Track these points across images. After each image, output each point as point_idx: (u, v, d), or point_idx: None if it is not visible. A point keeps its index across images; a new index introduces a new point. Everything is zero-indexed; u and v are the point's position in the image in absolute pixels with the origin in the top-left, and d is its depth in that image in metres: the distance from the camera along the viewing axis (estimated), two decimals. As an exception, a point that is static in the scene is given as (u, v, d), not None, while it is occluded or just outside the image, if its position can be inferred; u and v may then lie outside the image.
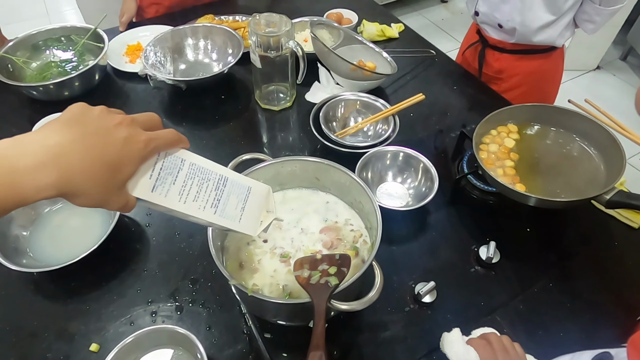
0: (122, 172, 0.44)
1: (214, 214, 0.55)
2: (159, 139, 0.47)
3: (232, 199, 0.58)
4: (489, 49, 1.33)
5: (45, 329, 0.78)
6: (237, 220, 0.58)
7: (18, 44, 1.23)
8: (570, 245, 0.91)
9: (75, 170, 0.41)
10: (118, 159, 0.43)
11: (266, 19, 1.03)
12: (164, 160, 0.50)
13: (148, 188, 0.49)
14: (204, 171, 0.55)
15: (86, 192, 0.42)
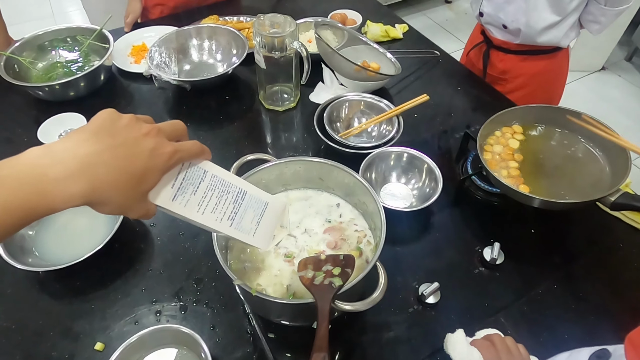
0: (147, 182, 0.45)
1: (229, 227, 0.56)
2: (184, 150, 0.48)
3: (249, 213, 0.58)
4: (493, 50, 1.32)
5: (50, 327, 0.79)
6: (251, 234, 0.59)
7: (24, 45, 1.24)
8: (575, 246, 0.91)
9: (103, 181, 0.42)
10: (144, 169, 0.44)
11: (270, 20, 1.04)
12: (187, 170, 0.51)
13: (169, 197, 0.49)
14: (225, 184, 0.56)
15: (111, 201, 0.43)
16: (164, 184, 0.49)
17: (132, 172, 0.44)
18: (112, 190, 0.43)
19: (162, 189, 0.48)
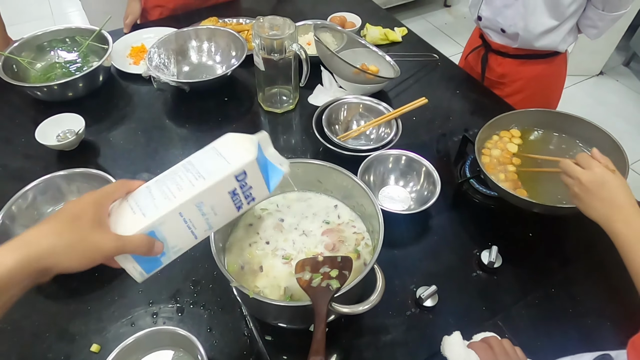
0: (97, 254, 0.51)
1: (198, 184, 0.55)
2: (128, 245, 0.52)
3: (207, 162, 0.57)
4: (491, 54, 1.33)
5: (46, 329, 0.78)
6: (226, 166, 0.56)
7: (23, 45, 1.24)
8: (572, 250, 0.91)
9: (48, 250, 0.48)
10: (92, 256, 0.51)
11: (270, 22, 1.04)
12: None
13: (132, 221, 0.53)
14: (169, 172, 0.59)
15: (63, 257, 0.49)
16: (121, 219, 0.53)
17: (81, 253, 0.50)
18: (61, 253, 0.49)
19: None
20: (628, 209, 0.67)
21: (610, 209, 0.69)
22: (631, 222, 0.66)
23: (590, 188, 0.70)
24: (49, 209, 0.92)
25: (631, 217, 0.67)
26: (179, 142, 1.12)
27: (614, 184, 0.69)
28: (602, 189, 0.69)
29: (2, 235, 0.83)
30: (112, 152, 1.09)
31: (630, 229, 0.66)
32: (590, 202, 0.71)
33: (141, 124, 1.16)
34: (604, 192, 0.69)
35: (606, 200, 0.69)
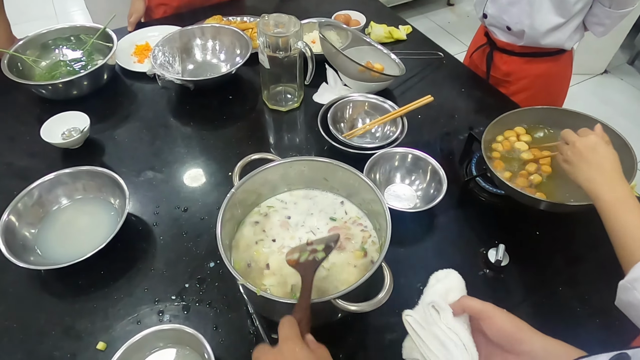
0: None
1: None
2: None
3: None
4: (497, 52, 1.32)
5: (52, 326, 0.78)
6: None
7: (28, 43, 1.24)
8: (580, 249, 0.90)
9: None
10: None
11: (275, 20, 1.03)
12: None
13: None
14: None
15: None
16: None
17: None
18: None
19: None
20: (613, 175, 0.71)
21: (597, 172, 0.72)
22: (615, 187, 0.70)
23: (582, 151, 0.75)
24: (55, 206, 0.92)
25: (615, 182, 0.70)
26: (184, 140, 1.12)
27: (605, 151, 0.74)
28: (592, 153, 0.74)
29: (8, 232, 0.83)
30: (117, 150, 1.09)
31: (613, 193, 0.69)
32: (579, 164, 0.75)
33: (146, 122, 1.16)
34: (594, 156, 0.73)
35: (594, 164, 0.73)
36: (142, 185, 1.01)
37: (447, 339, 0.53)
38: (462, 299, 0.56)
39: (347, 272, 0.72)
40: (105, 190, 0.93)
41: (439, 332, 0.54)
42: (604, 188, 0.70)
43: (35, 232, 0.88)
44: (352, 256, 0.74)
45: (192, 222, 0.93)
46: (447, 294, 0.57)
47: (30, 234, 0.87)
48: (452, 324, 0.54)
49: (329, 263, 0.72)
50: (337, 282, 0.71)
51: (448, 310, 0.55)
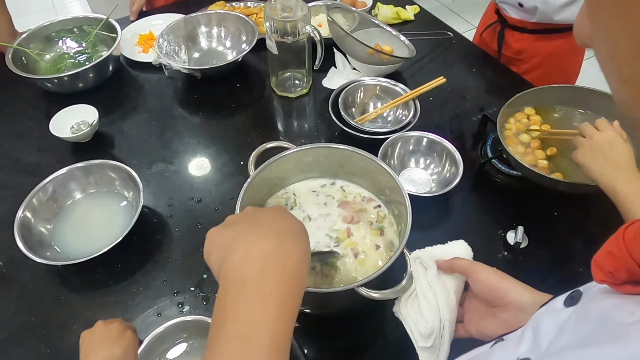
0: None
1: None
2: None
3: None
4: (508, 30, 1.29)
5: (73, 321, 0.78)
6: None
7: (31, 36, 1.22)
8: (597, 228, 0.89)
9: None
10: None
11: (282, 4, 1.01)
12: None
13: None
14: None
15: None
16: None
17: None
18: None
19: None
20: (629, 170, 0.71)
21: (613, 168, 0.72)
22: (631, 182, 0.70)
23: (600, 145, 0.74)
24: (69, 201, 0.91)
25: (632, 177, 0.71)
26: (194, 130, 1.11)
27: (622, 148, 0.73)
28: (609, 149, 0.73)
29: (24, 229, 0.83)
30: (127, 142, 1.08)
31: (630, 187, 0.69)
32: (595, 159, 0.74)
33: (154, 113, 1.15)
34: (610, 152, 0.73)
35: (611, 160, 0.73)
36: (154, 177, 1.00)
37: (423, 297, 0.55)
38: (452, 259, 0.57)
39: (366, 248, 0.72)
40: (118, 184, 0.92)
41: (418, 290, 0.56)
42: (619, 182, 0.70)
43: (51, 228, 0.88)
44: (369, 233, 0.74)
45: (206, 212, 0.93)
46: (444, 256, 0.59)
47: (46, 230, 0.87)
48: (435, 283, 0.55)
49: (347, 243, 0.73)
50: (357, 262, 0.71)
51: (433, 268, 0.56)
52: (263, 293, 0.38)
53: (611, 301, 0.29)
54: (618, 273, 0.29)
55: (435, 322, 0.54)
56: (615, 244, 0.29)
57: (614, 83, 0.25)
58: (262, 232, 0.42)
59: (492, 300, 0.53)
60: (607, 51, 0.25)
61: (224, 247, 0.42)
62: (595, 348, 0.26)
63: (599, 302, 0.31)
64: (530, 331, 0.35)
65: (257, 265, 0.39)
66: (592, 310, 0.31)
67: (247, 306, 0.37)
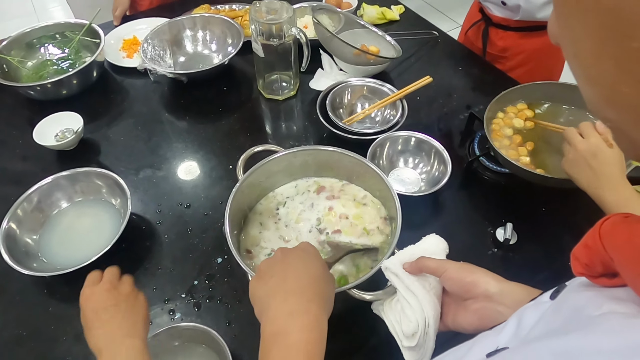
0: None
1: None
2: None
3: None
4: (492, 28, 1.30)
5: (63, 332, 0.77)
6: None
7: (12, 43, 1.20)
8: (585, 222, 0.89)
9: None
10: None
11: (267, 7, 1.01)
12: None
13: None
14: None
15: None
16: None
17: None
18: None
19: None
20: (615, 179, 0.71)
21: (598, 178, 0.72)
22: (617, 189, 0.70)
23: (584, 156, 0.73)
24: (55, 210, 0.90)
25: (617, 185, 0.70)
26: (181, 135, 1.10)
27: (606, 156, 0.72)
28: (593, 159, 0.72)
29: (10, 240, 0.82)
30: (113, 149, 1.07)
31: (616, 194, 0.69)
32: (581, 169, 0.74)
33: (140, 119, 1.14)
34: (594, 161, 0.72)
35: (595, 169, 0.72)
36: (141, 183, 0.99)
37: (403, 299, 0.55)
38: (419, 259, 0.57)
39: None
40: (105, 191, 0.91)
41: (398, 293, 0.57)
42: (605, 192, 0.70)
43: (37, 238, 0.86)
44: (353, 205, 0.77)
45: (196, 218, 0.92)
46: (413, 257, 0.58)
47: (32, 240, 0.86)
48: (412, 285, 0.55)
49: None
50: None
51: (403, 274, 0.57)
52: (289, 343, 0.47)
53: (586, 294, 0.30)
54: (594, 266, 0.29)
55: (419, 322, 0.54)
56: (591, 237, 0.29)
57: (580, 83, 0.26)
58: (289, 291, 0.52)
59: (462, 294, 0.54)
60: (572, 51, 0.25)
61: (260, 302, 0.53)
62: (562, 338, 0.27)
63: (575, 294, 0.32)
64: (513, 321, 0.36)
65: (284, 320, 0.49)
66: (567, 302, 0.32)
67: (279, 351, 0.48)
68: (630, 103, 0.22)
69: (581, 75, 0.25)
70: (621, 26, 0.20)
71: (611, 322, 0.26)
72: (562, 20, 0.24)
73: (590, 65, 0.23)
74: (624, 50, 0.20)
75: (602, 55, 0.22)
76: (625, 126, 0.24)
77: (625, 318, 0.25)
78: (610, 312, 0.27)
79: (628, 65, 0.21)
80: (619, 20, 0.20)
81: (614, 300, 0.27)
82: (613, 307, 0.27)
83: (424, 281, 0.57)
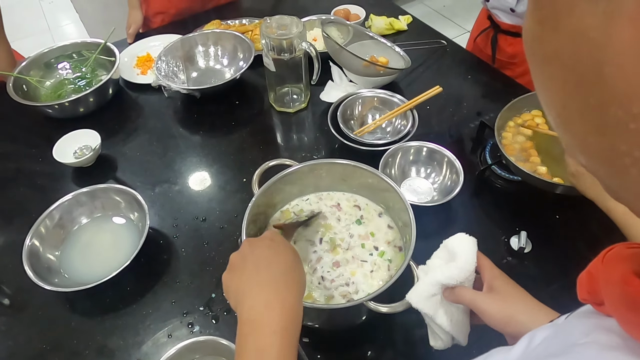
0: None
1: None
2: None
3: None
4: (501, 35, 1.31)
5: (85, 346, 0.79)
6: None
7: (31, 64, 1.24)
8: (599, 230, 0.90)
9: None
10: None
11: (277, 22, 1.03)
12: None
13: None
14: None
15: None
16: None
17: None
18: None
19: None
20: None
21: (601, 189, 0.69)
22: None
23: (584, 170, 0.72)
24: (75, 226, 0.92)
25: None
26: (195, 149, 1.12)
27: None
28: None
29: (33, 257, 0.84)
30: (130, 164, 1.09)
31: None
32: (585, 181, 0.75)
33: (155, 134, 1.16)
34: None
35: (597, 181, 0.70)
36: (158, 198, 1.01)
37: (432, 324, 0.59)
38: (456, 290, 0.58)
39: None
40: (123, 206, 0.93)
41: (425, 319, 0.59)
42: (610, 201, 0.71)
43: (59, 254, 0.89)
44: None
45: (212, 231, 0.93)
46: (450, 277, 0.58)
47: (54, 256, 0.88)
48: (437, 319, 0.58)
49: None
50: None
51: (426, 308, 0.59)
52: (268, 328, 0.50)
53: (583, 321, 0.30)
54: (595, 293, 0.30)
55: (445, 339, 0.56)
56: (594, 266, 0.30)
57: (554, 126, 0.25)
58: (263, 282, 0.54)
59: (502, 329, 0.54)
60: (542, 97, 0.24)
61: (235, 294, 0.56)
62: None
63: (575, 320, 0.32)
64: (525, 340, 0.36)
65: (261, 310, 0.52)
66: (567, 327, 0.32)
67: (256, 339, 0.50)
68: (599, 154, 0.22)
69: (553, 122, 0.24)
70: (581, 82, 0.20)
71: (589, 352, 0.26)
72: (531, 65, 0.24)
73: (558, 114, 0.23)
74: (585, 104, 0.20)
75: (567, 106, 0.22)
76: (597, 174, 0.24)
77: (602, 349, 0.26)
78: (592, 342, 0.27)
79: (590, 117, 0.21)
80: (578, 77, 0.20)
81: (603, 330, 0.27)
82: (599, 337, 0.27)
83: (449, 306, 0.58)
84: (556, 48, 0.21)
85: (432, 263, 0.62)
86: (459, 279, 0.57)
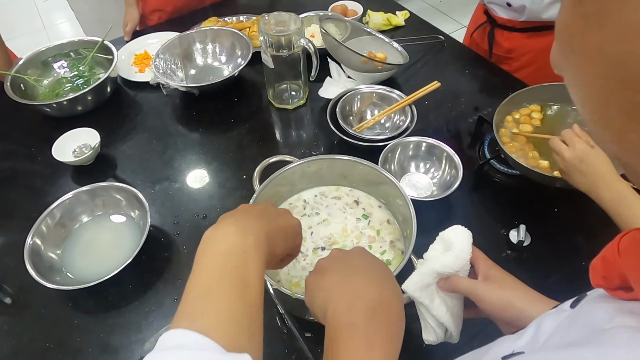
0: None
1: None
2: None
3: None
4: (498, 29, 1.31)
5: (88, 344, 0.79)
6: None
7: (28, 63, 1.24)
8: (597, 222, 0.90)
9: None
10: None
11: (275, 19, 1.03)
12: None
13: None
14: None
15: None
16: None
17: None
18: None
19: None
20: (607, 177, 0.74)
21: (592, 181, 0.75)
22: (611, 186, 0.73)
23: (573, 164, 0.77)
24: (76, 225, 0.92)
25: (611, 182, 0.74)
26: (194, 147, 1.12)
27: (593, 159, 0.76)
28: (582, 164, 0.76)
29: (34, 255, 0.84)
30: (130, 163, 1.09)
31: (611, 192, 0.73)
32: (574, 176, 0.78)
33: (154, 132, 1.16)
34: (584, 166, 0.76)
35: (587, 174, 0.76)
36: (158, 196, 1.01)
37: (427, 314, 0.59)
38: (452, 279, 0.58)
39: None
40: (124, 204, 0.93)
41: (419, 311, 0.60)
42: (600, 191, 0.74)
43: (60, 252, 0.89)
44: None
45: (213, 228, 0.94)
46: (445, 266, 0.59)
47: (56, 255, 0.88)
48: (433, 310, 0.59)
49: None
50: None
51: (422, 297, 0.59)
52: (369, 336, 0.43)
53: (601, 305, 0.31)
54: (611, 278, 0.30)
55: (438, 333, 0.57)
56: (610, 251, 0.30)
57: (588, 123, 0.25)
58: (364, 279, 0.47)
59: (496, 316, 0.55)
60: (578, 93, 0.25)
61: (327, 294, 0.48)
62: (573, 349, 0.27)
63: (592, 306, 0.32)
64: (533, 327, 0.37)
65: (365, 311, 0.44)
66: (583, 313, 0.32)
67: (356, 348, 0.43)
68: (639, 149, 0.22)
69: (588, 117, 0.24)
70: (628, 79, 0.20)
71: (621, 336, 0.26)
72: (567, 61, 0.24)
73: (596, 110, 0.23)
74: (630, 102, 0.20)
75: (608, 103, 0.22)
76: (635, 168, 0.24)
77: (635, 332, 0.26)
78: (620, 326, 0.27)
79: (635, 114, 0.20)
80: (626, 74, 0.20)
81: (627, 313, 0.28)
82: (625, 320, 0.27)
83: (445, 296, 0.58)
84: (601, 43, 0.20)
85: (429, 255, 0.62)
86: (454, 268, 0.58)
